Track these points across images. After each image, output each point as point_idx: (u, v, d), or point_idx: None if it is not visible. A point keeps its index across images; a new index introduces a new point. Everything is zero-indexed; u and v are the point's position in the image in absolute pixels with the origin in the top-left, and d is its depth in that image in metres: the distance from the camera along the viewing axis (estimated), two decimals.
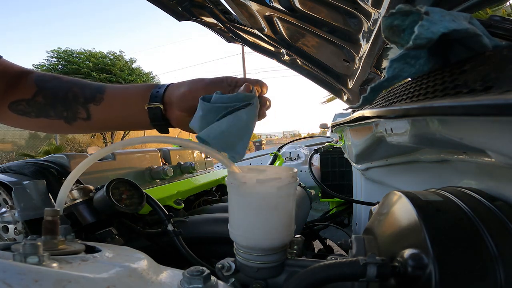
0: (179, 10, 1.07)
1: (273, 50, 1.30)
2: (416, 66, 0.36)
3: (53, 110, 0.55)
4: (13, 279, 0.21)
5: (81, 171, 0.41)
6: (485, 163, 0.35)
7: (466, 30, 0.31)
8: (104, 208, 0.65)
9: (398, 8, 0.35)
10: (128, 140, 0.43)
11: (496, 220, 0.29)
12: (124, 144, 0.43)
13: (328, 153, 1.57)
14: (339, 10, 0.82)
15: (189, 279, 0.29)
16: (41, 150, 8.99)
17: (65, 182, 0.40)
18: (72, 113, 0.54)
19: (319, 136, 3.69)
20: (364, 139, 0.75)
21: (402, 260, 0.28)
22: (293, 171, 0.40)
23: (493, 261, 0.25)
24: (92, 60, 12.40)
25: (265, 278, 0.39)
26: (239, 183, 0.37)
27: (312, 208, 1.58)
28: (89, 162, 0.40)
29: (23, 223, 0.63)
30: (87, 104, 0.53)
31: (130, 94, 0.54)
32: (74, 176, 0.41)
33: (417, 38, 0.31)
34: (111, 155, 0.88)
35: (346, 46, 0.97)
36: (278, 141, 19.37)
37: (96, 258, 0.30)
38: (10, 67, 0.57)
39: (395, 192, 0.38)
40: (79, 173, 0.41)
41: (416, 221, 0.29)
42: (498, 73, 0.26)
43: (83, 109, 0.54)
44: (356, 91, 1.17)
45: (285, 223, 0.39)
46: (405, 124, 0.44)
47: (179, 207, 0.92)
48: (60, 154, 0.78)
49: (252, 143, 13.33)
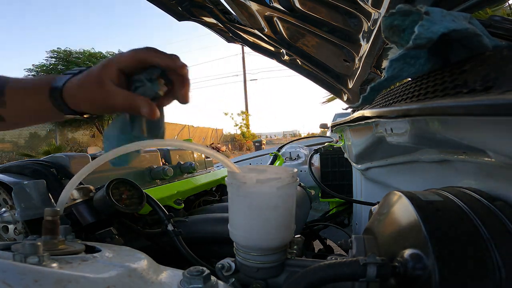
0: (179, 10, 1.07)
1: (273, 50, 1.30)
2: (416, 66, 0.36)
3: None
4: (13, 279, 0.21)
5: (85, 174, 0.41)
6: (485, 163, 0.35)
7: (466, 30, 0.31)
8: (104, 208, 0.65)
9: (398, 8, 0.35)
10: (132, 144, 0.42)
11: (496, 220, 0.29)
12: (129, 148, 0.42)
13: (328, 153, 1.57)
14: (339, 10, 0.82)
15: (189, 279, 0.29)
16: (41, 150, 8.99)
17: (68, 183, 0.40)
18: None
19: (319, 136, 3.69)
20: (364, 139, 0.75)
21: (402, 260, 0.28)
22: (293, 171, 0.40)
23: (493, 261, 0.25)
24: (92, 61, 12.41)
25: (265, 278, 0.39)
26: (239, 183, 0.37)
27: (312, 208, 1.58)
28: (95, 165, 0.40)
29: (23, 223, 0.63)
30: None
31: (31, 90, 0.51)
32: (78, 177, 0.41)
33: (417, 38, 0.31)
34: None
35: (346, 46, 0.97)
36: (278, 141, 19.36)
37: (96, 258, 0.30)
38: None
39: (395, 192, 0.38)
40: (84, 175, 0.41)
41: (416, 221, 0.29)
42: (498, 73, 0.26)
43: None
44: (356, 91, 1.17)
45: (285, 223, 0.39)
46: (405, 124, 0.44)
47: (179, 207, 0.92)
48: (60, 154, 0.78)
49: (252, 143, 13.30)
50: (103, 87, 0.43)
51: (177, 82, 0.46)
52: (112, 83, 0.43)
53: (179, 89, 0.46)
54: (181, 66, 0.44)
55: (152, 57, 0.43)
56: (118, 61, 0.43)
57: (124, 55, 0.43)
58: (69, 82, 0.47)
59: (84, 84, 0.45)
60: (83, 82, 0.46)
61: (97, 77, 0.43)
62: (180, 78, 0.45)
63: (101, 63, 0.45)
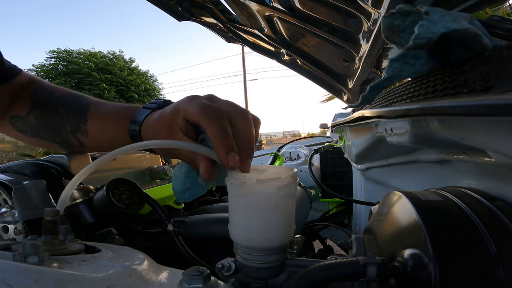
0: (179, 10, 1.07)
1: (273, 50, 1.30)
2: (416, 66, 0.36)
3: (46, 133, 0.54)
4: (13, 279, 0.21)
5: (86, 174, 0.41)
6: (485, 163, 0.35)
7: (466, 30, 0.31)
8: (104, 208, 0.65)
9: (398, 8, 0.35)
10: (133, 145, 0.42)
11: (496, 220, 0.29)
12: (130, 148, 0.42)
13: (328, 153, 1.57)
14: (339, 10, 0.82)
15: (189, 279, 0.29)
16: (41, 150, 8.96)
17: (69, 184, 0.40)
18: (64, 140, 0.53)
19: (319, 136, 3.69)
20: (364, 139, 0.75)
21: (402, 260, 0.28)
22: (293, 171, 0.40)
23: (493, 261, 0.25)
24: (92, 60, 12.39)
25: (265, 278, 0.39)
26: (239, 183, 0.37)
27: (312, 208, 1.58)
28: (95, 166, 0.40)
29: (23, 223, 0.63)
30: (75, 134, 0.53)
31: (112, 121, 0.52)
32: (79, 178, 0.41)
33: (417, 38, 0.31)
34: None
35: (346, 46, 0.97)
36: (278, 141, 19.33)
37: (96, 258, 0.30)
38: (22, 79, 0.56)
39: (395, 192, 0.38)
40: (84, 176, 0.41)
41: (416, 221, 0.29)
42: (498, 73, 0.26)
43: (74, 139, 0.53)
44: (356, 91, 1.17)
45: (285, 223, 0.39)
46: (405, 124, 0.44)
47: (179, 207, 0.92)
48: (60, 154, 0.78)
49: None
50: (172, 135, 0.42)
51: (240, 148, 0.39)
52: (181, 132, 0.42)
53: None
54: (227, 162, 0.38)
55: (208, 131, 0.39)
56: (185, 112, 0.41)
57: (191, 109, 0.40)
58: (147, 119, 0.48)
59: (157, 127, 0.45)
60: (156, 125, 0.45)
61: (169, 124, 0.43)
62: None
63: (173, 107, 0.43)
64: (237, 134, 0.40)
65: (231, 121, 0.40)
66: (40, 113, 0.54)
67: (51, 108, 0.54)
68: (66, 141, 0.53)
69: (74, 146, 0.54)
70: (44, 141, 0.55)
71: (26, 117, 0.55)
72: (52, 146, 0.56)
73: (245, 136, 0.40)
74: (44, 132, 0.54)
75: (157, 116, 0.46)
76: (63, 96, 0.56)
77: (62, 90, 0.57)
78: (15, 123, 0.56)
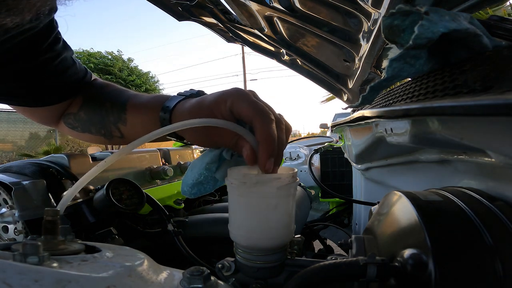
0: (179, 10, 1.07)
1: (273, 50, 1.30)
2: (416, 66, 0.36)
3: (93, 127, 0.56)
4: (13, 279, 0.21)
5: (91, 177, 0.40)
6: (485, 163, 0.35)
7: (466, 30, 0.31)
8: (104, 208, 0.66)
9: (398, 8, 0.35)
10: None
11: (496, 220, 0.29)
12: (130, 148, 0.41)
13: (328, 153, 1.57)
14: (339, 10, 0.82)
15: (189, 279, 0.29)
16: (41, 150, 8.98)
17: (74, 185, 0.40)
18: (108, 132, 0.54)
19: (319, 136, 3.69)
20: (364, 139, 0.75)
21: (402, 260, 0.28)
22: (293, 171, 0.40)
23: (493, 261, 0.25)
24: (92, 61, 12.39)
25: (265, 278, 0.39)
26: (239, 183, 0.37)
27: (312, 208, 1.58)
28: (101, 169, 0.40)
29: (23, 223, 0.63)
30: (117, 124, 0.53)
31: (147, 109, 0.52)
32: (84, 180, 0.41)
33: (417, 38, 0.31)
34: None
35: (346, 46, 0.97)
36: None
37: (96, 258, 0.30)
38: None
39: (395, 192, 0.38)
40: (90, 178, 0.41)
41: (416, 221, 0.29)
42: (498, 73, 0.26)
43: (115, 129, 0.54)
44: (356, 91, 1.17)
45: (285, 223, 0.39)
46: (405, 124, 0.44)
47: (179, 207, 0.92)
48: (60, 154, 0.78)
49: None
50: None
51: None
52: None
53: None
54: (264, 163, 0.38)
55: (258, 132, 0.39)
56: (232, 104, 0.40)
57: (243, 103, 0.40)
58: (179, 105, 0.47)
59: (194, 112, 0.44)
60: (193, 111, 0.44)
61: (209, 111, 0.42)
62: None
63: (213, 97, 0.43)
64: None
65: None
66: (90, 108, 0.56)
67: (99, 102, 0.56)
68: (110, 132, 0.54)
69: (116, 138, 0.55)
70: (92, 135, 0.56)
71: (77, 113, 0.57)
72: (99, 139, 0.57)
73: (281, 144, 0.40)
74: (92, 126, 0.56)
75: (194, 102, 0.45)
76: (110, 91, 0.57)
77: (110, 85, 0.59)
78: (67, 120, 0.58)
